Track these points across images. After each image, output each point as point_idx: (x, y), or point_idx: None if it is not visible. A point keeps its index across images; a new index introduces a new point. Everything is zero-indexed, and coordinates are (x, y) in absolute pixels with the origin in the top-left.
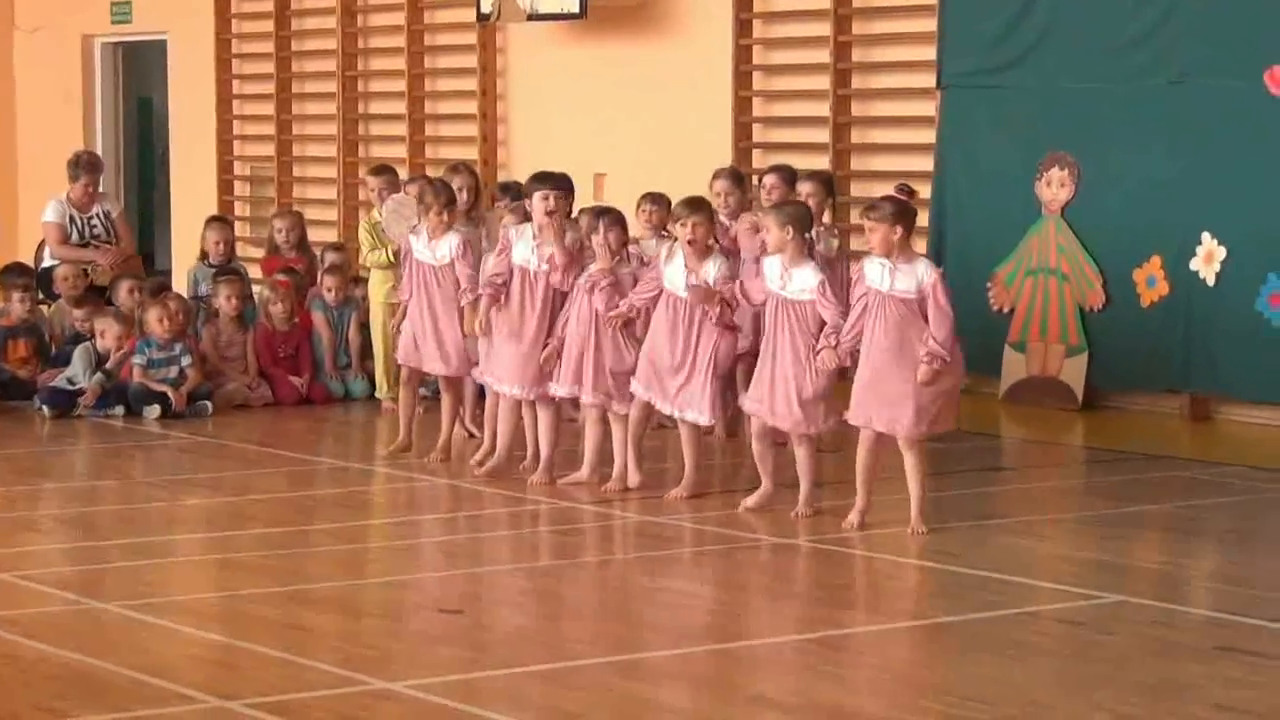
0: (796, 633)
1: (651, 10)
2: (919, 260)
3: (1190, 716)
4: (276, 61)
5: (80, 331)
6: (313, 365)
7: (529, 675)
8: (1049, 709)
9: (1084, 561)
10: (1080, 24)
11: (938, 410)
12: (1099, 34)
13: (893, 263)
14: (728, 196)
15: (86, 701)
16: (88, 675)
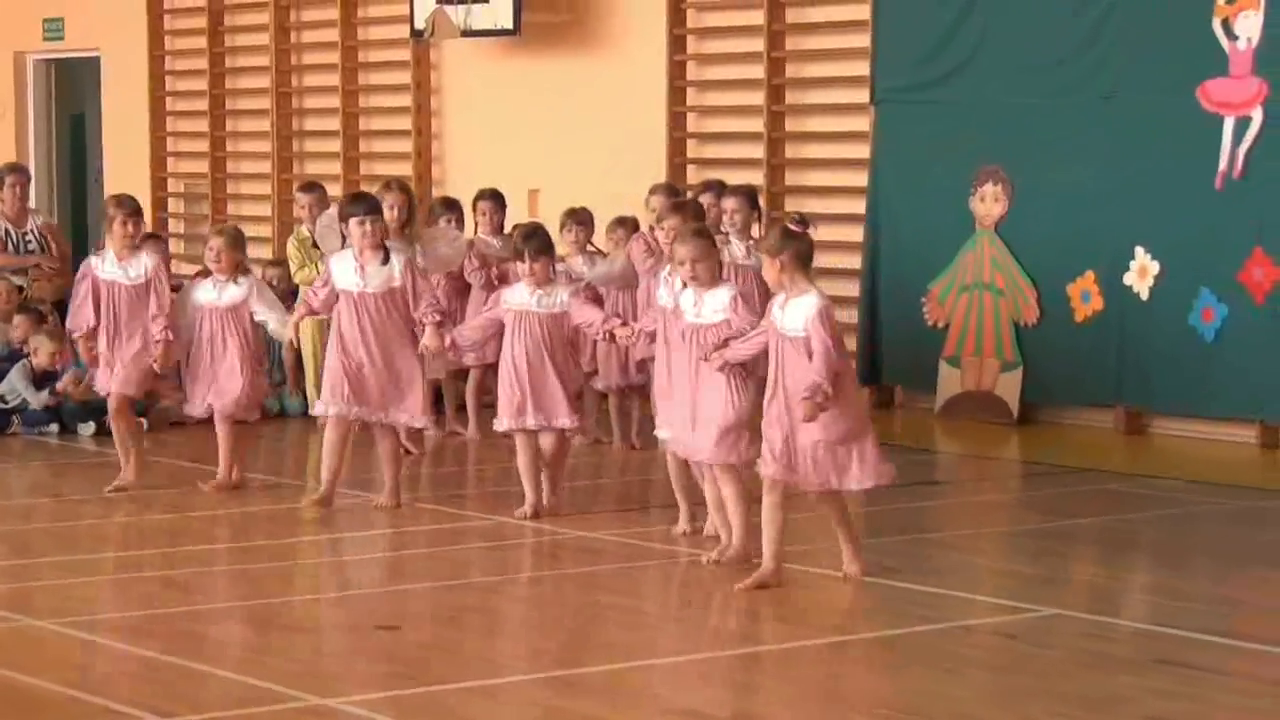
0: (729, 648)
1: (585, 27)
2: (808, 294)
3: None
4: (210, 78)
5: (15, 349)
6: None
7: (462, 691)
8: None
9: (1018, 575)
10: (1012, 40)
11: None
12: (1031, 49)
13: (784, 297)
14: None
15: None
16: (21, 692)
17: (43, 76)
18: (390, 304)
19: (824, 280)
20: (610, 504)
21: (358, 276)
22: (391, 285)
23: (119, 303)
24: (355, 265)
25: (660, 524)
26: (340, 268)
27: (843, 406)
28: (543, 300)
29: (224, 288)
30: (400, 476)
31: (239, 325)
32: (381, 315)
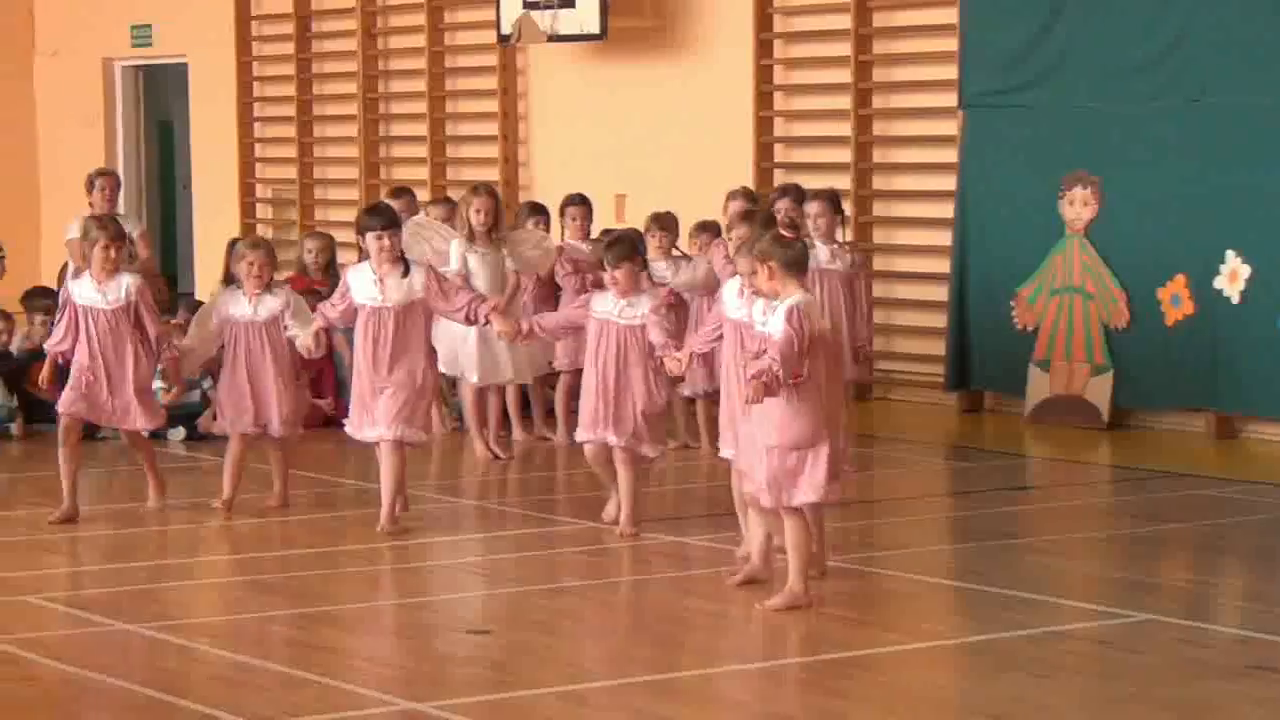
0: (822, 653)
1: (672, 32)
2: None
3: None
4: (297, 84)
5: None
6: (336, 386)
7: (553, 695)
8: None
9: (1111, 580)
10: (1100, 43)
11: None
12: (1119, 52)
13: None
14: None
15: None
16: (115, 697)
17: (131, 83)
18: (408, 317)
19: (912, 284)
20: (699, 509)
21: (376, 290)
22: (412, 298)
23: (97, 327)
24: (374, 279)
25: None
26: (359, 282)
27: (799, 410)
28: (625, 311)
29: (260, 301)
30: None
31: (276, 340)
32: (398, 329)
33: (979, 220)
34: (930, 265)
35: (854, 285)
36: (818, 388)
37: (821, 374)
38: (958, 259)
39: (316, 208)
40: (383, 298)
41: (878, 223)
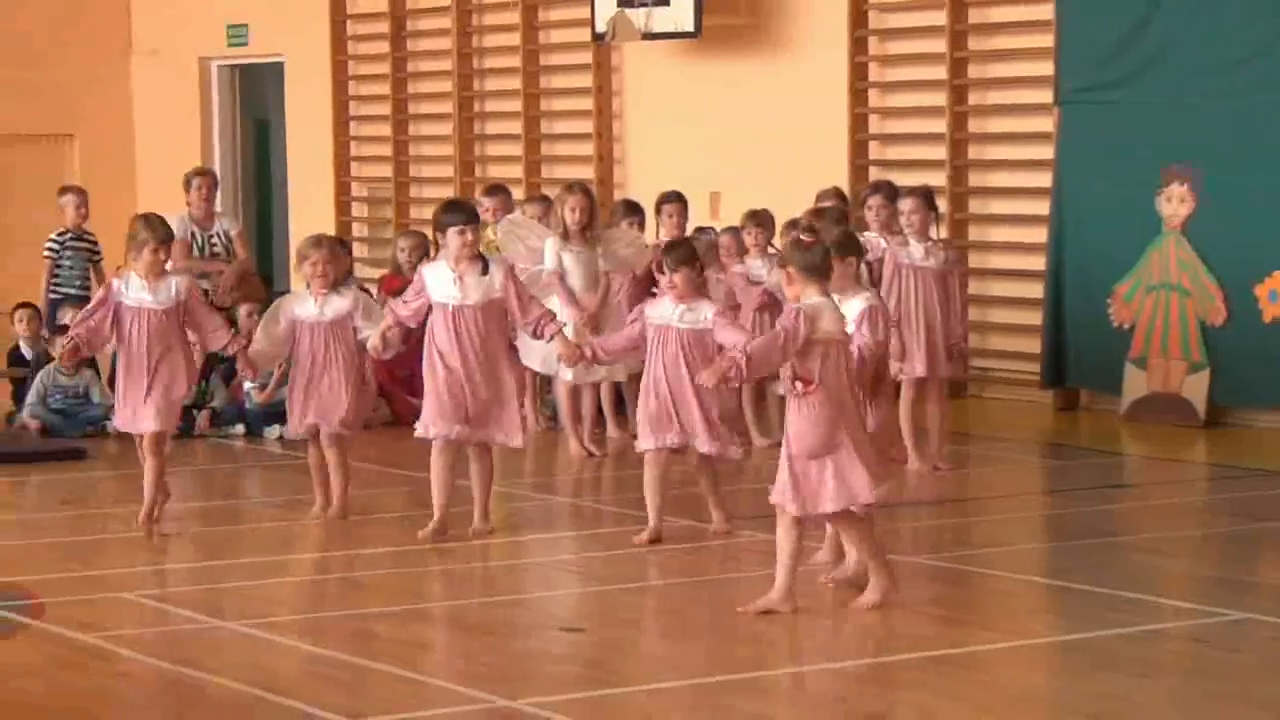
0: (916, 651)
1: (766, 29)
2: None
3: None
4: (393, 83)
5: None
6: None
7: (644, 693)
8: None
9: (1208, 579)
10: (1197, 38)
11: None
12: (1217, 46)
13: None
14: None
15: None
16: (211, 694)
17: (227, 82)
18: (489, 316)
19: (1007, 281)
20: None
21: (455, 288)
22: (491, 296)
23: (147, 328)
24: (453, 276)
25: None
26: (436, 279)
27: (810, 418)
28: (685, 316)
29: (326, 301)
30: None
31: (343, 340)
32: (481, 328)
33: (1075, 217)
34: (1026, 262)
35: (948, 282)
36: (829, 395)
37: (835, 380)
38: (1053, 256)
39: (411, 206)
40: (462, 296)
41: (973, 220)
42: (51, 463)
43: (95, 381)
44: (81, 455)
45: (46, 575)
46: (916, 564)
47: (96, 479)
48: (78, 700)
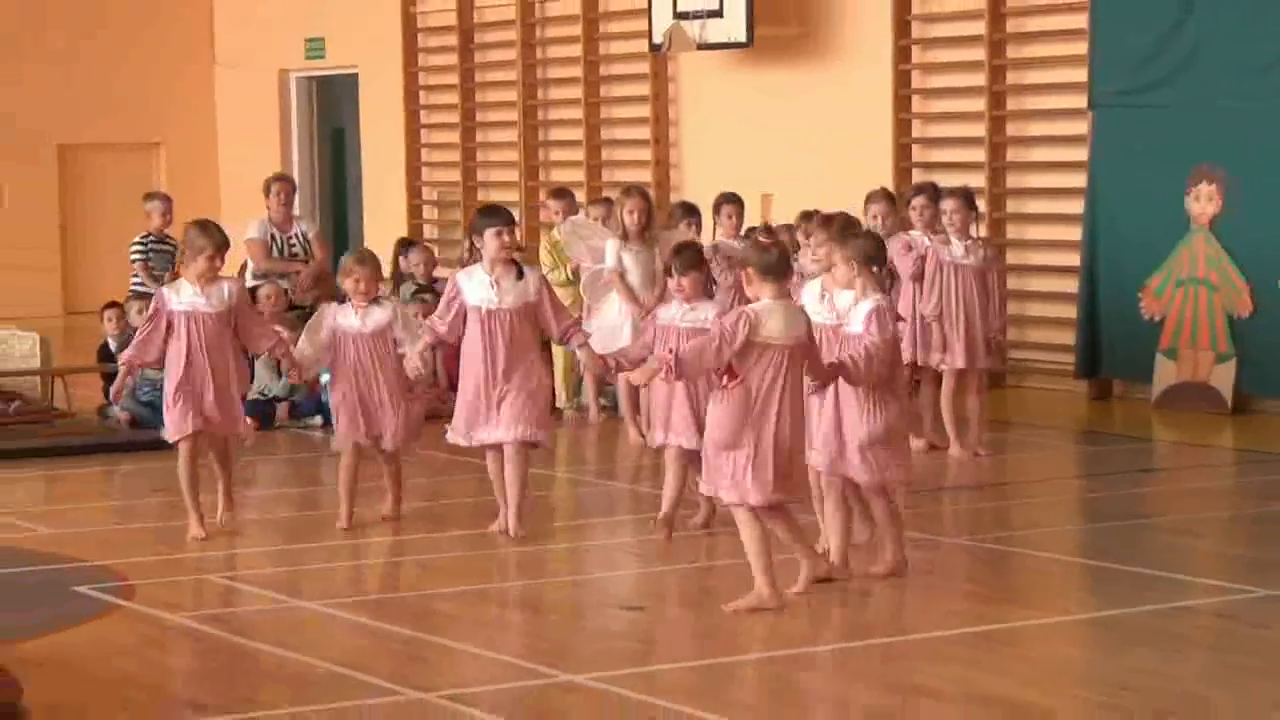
0: (957, 627)
1: (815, 39)
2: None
3: None
4: (461, 92)
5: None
6: None
7: (703, 668)
8: (1203, 700)
9: (1235, 558)
10: (1224, 45)
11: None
12: (1242, 55)
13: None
14: (884, 219)
15: (290, 694)
16: (292, 669)
17: (305, 93)
18: (523, 319)
19: (1044, 277)
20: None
21: (492, 292)
22: (526, 300)
23: (204, 330)
24: (489, 280)
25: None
26: (471, 284)
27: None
28: (688, 315)
29: (367, 313)
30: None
31: (386, 351)
32: (515, 331)
33: (1108, 215)
34: (1061, 259)
35: (987, 278)
36: (748, 395)
37: (760, 382)
38: (1087, 253)
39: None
40: (498, 300)
41: (1011, 219)
42: (140, 452)
43: None
44: (168, 446)
45: (137, 558)
46: (957, 545)
47: None
48: (167, 677)
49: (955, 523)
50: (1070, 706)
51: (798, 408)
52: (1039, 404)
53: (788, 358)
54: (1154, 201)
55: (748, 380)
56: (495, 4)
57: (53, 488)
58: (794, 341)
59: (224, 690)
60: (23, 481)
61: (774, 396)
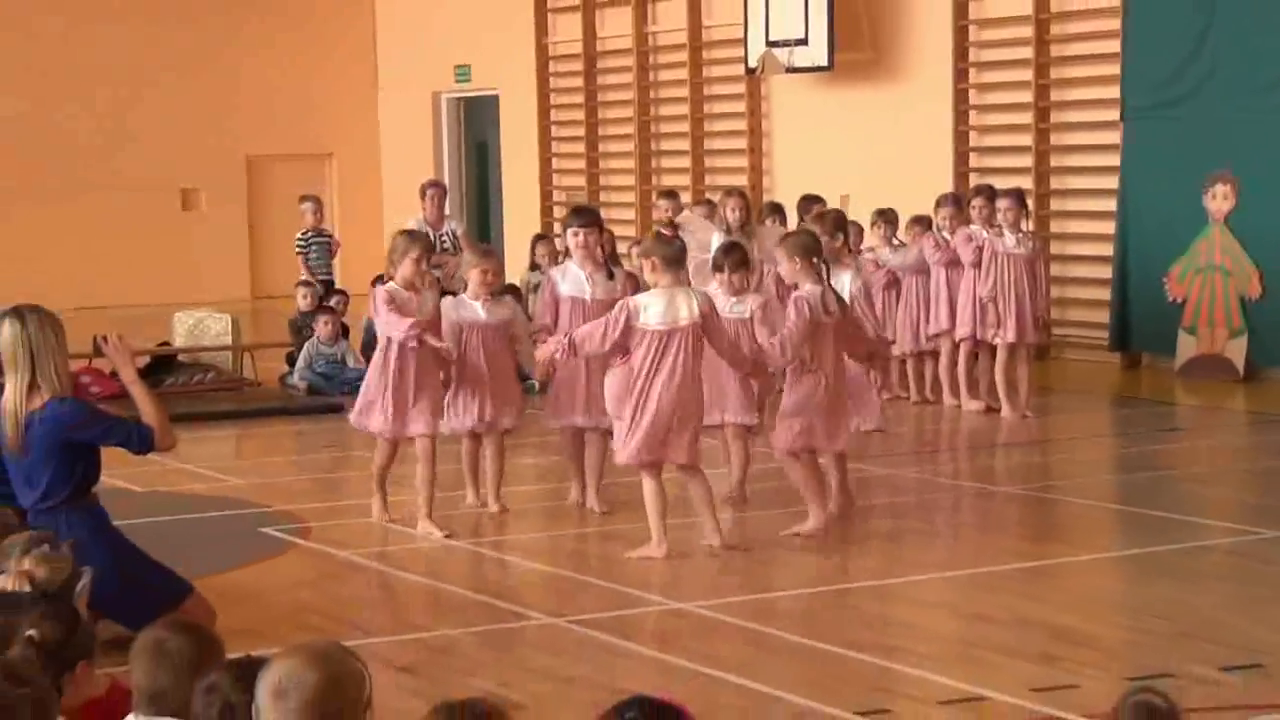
0: (1011, 564)
1: (886, 62)
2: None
3: None
4: (585, 110)
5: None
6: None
7: (789, 598)
8: (1218, 624)
9: (1246, 504)
10: (1236, 65)
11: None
12: (1252, 73)
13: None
14: (952, 219)
15: (444, 619)
16: (447, 598)
17: (454, 112)
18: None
19: (1083, 265)
20: (907, 448)
21: (587, 285)
22: (613, 296)
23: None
24: (584, 276)
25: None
26: (566, 276)
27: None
28: (735, 308)
29: (492, 306)
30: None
31: (506, 343)
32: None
33: (1136, 212)
34: (1097, 249)
35: (1034, 266)
36: (629, 371)
37: (642, 362)
38: (1119, 244)
39: (601, 208)
40: (590, 292)
41: (1054, 215)
42: (316, 415)
43: (349, 351)
44: (340, 410)
45: (313, 504)
46: (1009, 493)
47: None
48: (339, 604)
49: (1007, 474)
50: (1104, 630)
51: (685, 385)
52: (1078, 373)
53: (668, 341)
54: (1176, 200)
55: (631, 362)
56: (615, 35)
57: (241, 445)
58: (670, 327)
59: (387, 615)
60: (216, 440)
61: (655, 375)
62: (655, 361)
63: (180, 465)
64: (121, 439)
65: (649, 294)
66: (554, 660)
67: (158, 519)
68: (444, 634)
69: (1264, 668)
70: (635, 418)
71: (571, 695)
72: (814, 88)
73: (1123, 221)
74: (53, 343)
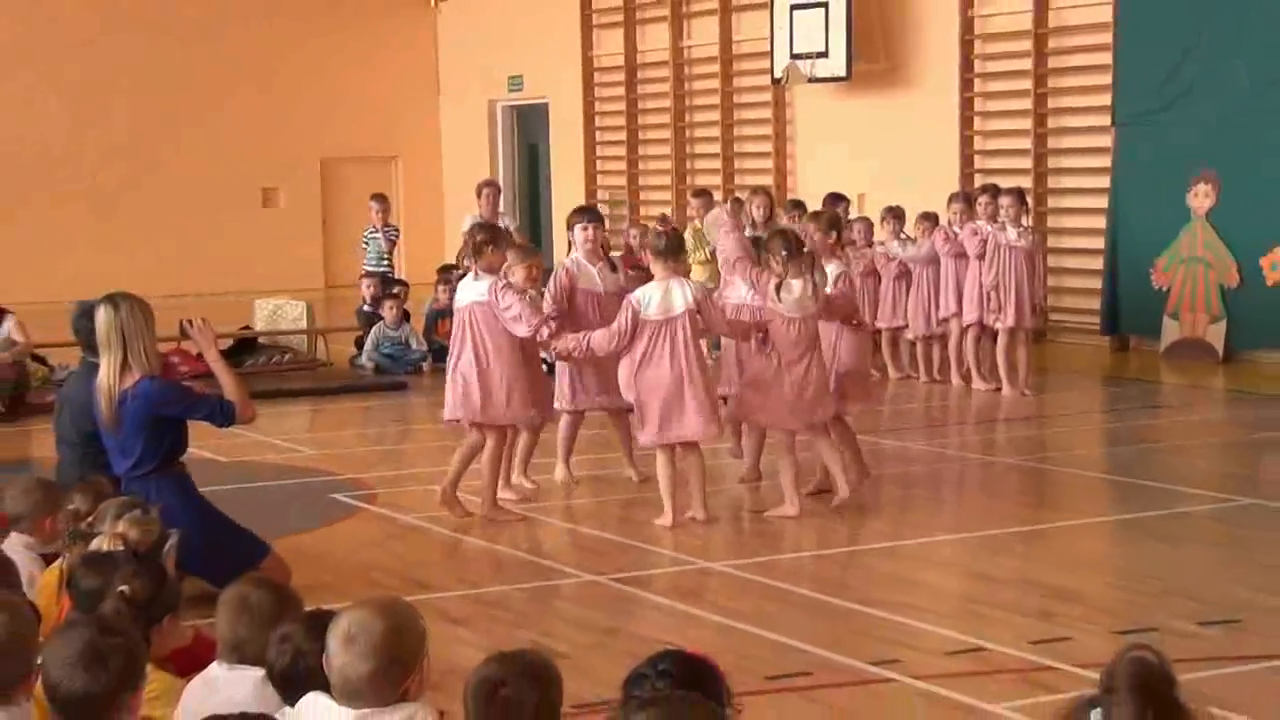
0: (1006, 527)
1: (899, 72)
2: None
3: None
4: (626, 116)
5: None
6: None
7: (814, 558)
8: (1202, 583)
9: (1224, 474)
10: (1217, 76)
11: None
12: (1232, 83)
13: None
14: (961, 215)
15: (496, 576)
16: (497, 557)
17: (508, 118)
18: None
19: (1075, 257)
20: (917, 422)
21: (597, 277)
22: (620, 287)
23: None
24: (594, 269)
25: (953, 437)
26: (578, 267)
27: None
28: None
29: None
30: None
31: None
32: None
33: (1126, 209)
34: (1089, 243)
35: (1033, 258)
36: (632, 358)
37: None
38: (1110, 237)
39: (640, 206)
40: (601, 285)
41: (1051, 212)
42: (383, 392)
43: (412, 334)
44: (404, 388)
45: (380, 473)
46: (1009, 464)
47: (414, 404)
48: (402, 563)
49: (1008, 446)
50: (1095, 588)
51: (680, 369)
52: (1072, 355)
53: (664, 329)
54: (1162, 198)
55: (634, 347)
56: (653, 49)
57: (314, 419)
58: (666, 316)
59: (447, 573)
60: (292, 415)
61: (658, 360)
62: (654, 348)
63: (260, 438)
64: (206, 414)
65: (647, 287)
66: (594, 614)
67: (240, 486)
68: (495, 590)
69: (1241, 622)
70: (643, 402)
71: (610, 646)
72: (833, 96)
73: (1113, 217)
74: (142, 326)
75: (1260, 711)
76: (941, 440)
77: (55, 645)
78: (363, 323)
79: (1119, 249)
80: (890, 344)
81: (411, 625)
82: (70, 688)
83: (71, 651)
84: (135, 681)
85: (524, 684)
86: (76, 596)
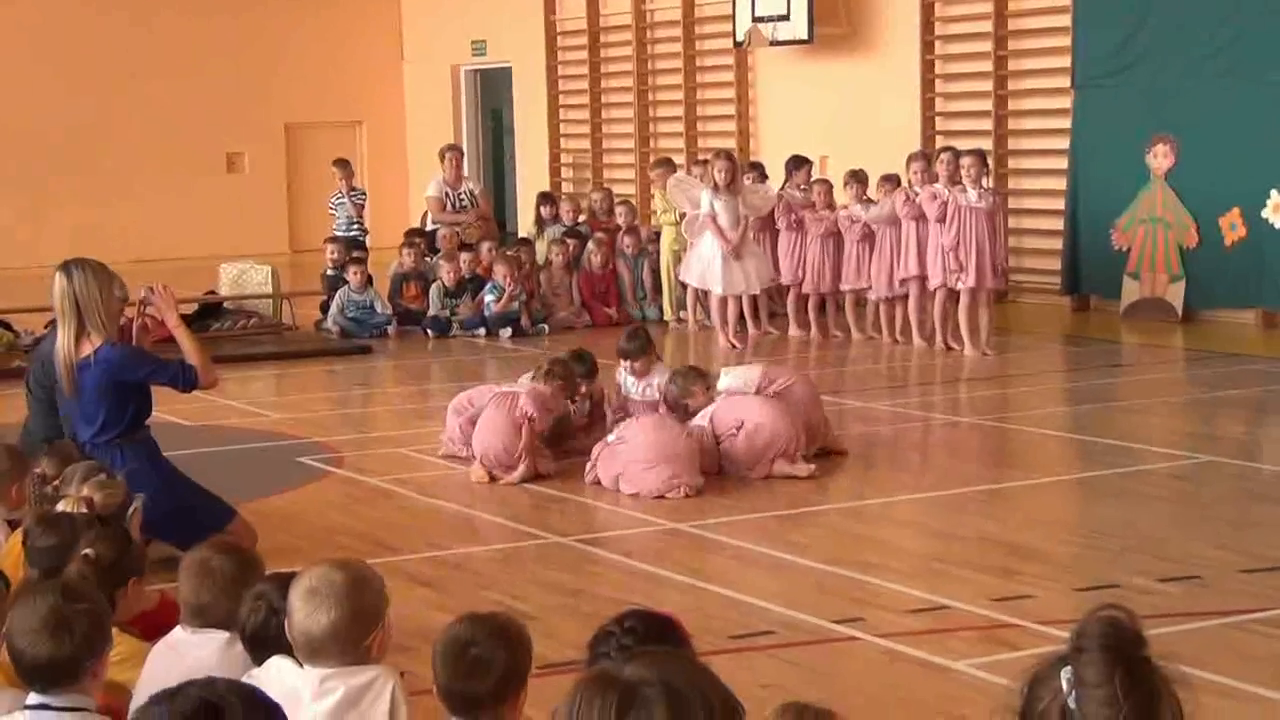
0: (971, 486)
1: (861, 36)
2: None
3: (1267, 545)
4: (589, 80)
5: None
6: (619, 298)
7: (778, 518)
8: (1161, 541)
9: (1182, 432)
10: (1175, 39)
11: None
12: (1189, 46)
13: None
14: (922, 174)
15: (462, 537)
16: (462, 520)
17: (471, 83)
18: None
19: (1036, 218)
20: (880, 383)
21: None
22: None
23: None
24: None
25: (915, 397)
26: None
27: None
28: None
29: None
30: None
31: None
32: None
33: (1085, 170)
34: (1050, 204)
35: (994, 219)
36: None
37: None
38: (1070, 198)
39: (604, 169)
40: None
41: (1011, 173)
42: (348, 356)
43: (377, 298)
44: (369, 351)
45: (344, 436)
46: (971, 423)
47: (380, 368)
48: (369, 525)
49: (970, 406)
50: (1056, 547)
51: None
52: (1032, 315)
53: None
54: (1121, 159)
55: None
56: (616, 12)
57: (280, 383)
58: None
59: (412, 536)
60: (257, 379)
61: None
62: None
63: (225, 402)
64: (168, 379)
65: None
66: (560, 575)
67: (205, 450)
68: (461, 552)
69: (1200, 579)
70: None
71: (577, 607)
72: (795, 59)
73: (1073, 178)
74: (97, 292)
75: (1219, 667)
76: (904, 400)
77: (20, 612)
78: (328, 287)
79: (1079, 209)
80: (854, 305)
81: (372, 579)
82: (35, 654)
83: (36, 618)
84: (101, 646)
85: (494, 644)
86: (31, 554)
